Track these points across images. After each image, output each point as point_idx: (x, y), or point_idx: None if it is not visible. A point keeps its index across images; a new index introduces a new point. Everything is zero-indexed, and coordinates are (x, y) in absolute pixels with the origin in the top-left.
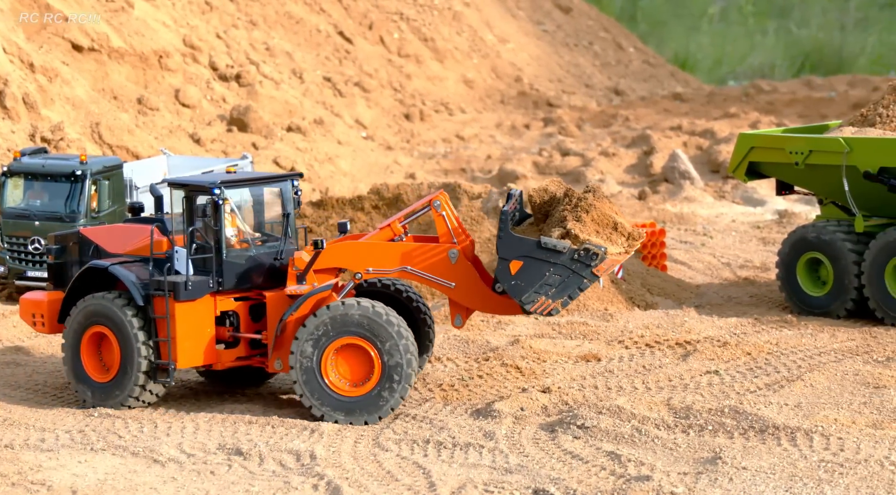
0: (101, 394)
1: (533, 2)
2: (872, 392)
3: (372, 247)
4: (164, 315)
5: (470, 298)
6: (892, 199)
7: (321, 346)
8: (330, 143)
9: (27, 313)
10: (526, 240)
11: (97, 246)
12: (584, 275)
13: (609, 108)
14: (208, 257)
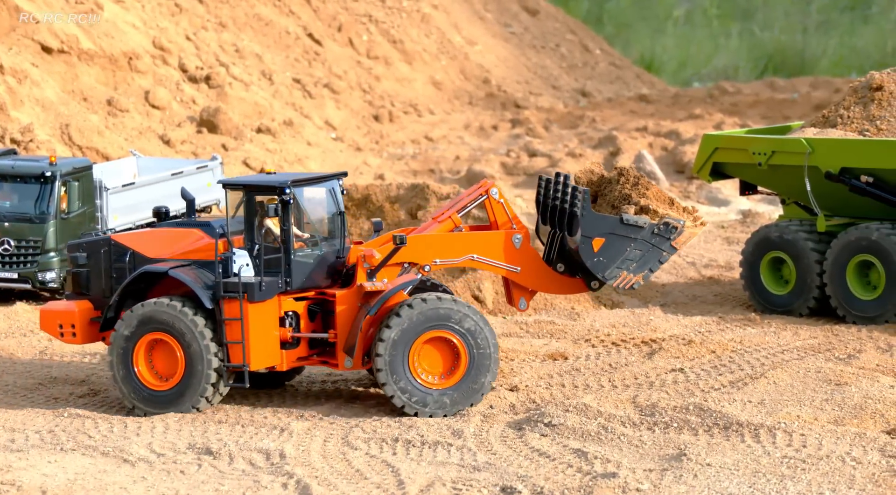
0: (159, 403)
1: (500, 4)
2: (834, 389)
3: (439, 240)
4: (233, 317)
5: (535, 281)
6: (853, 199)
7: (410, 341)
8: (299, 144)
9: (52, 324)
10: (608, 218)
11: (134, 252)
12: (664, 248)
13: (576, 110)
14: (276, 257)
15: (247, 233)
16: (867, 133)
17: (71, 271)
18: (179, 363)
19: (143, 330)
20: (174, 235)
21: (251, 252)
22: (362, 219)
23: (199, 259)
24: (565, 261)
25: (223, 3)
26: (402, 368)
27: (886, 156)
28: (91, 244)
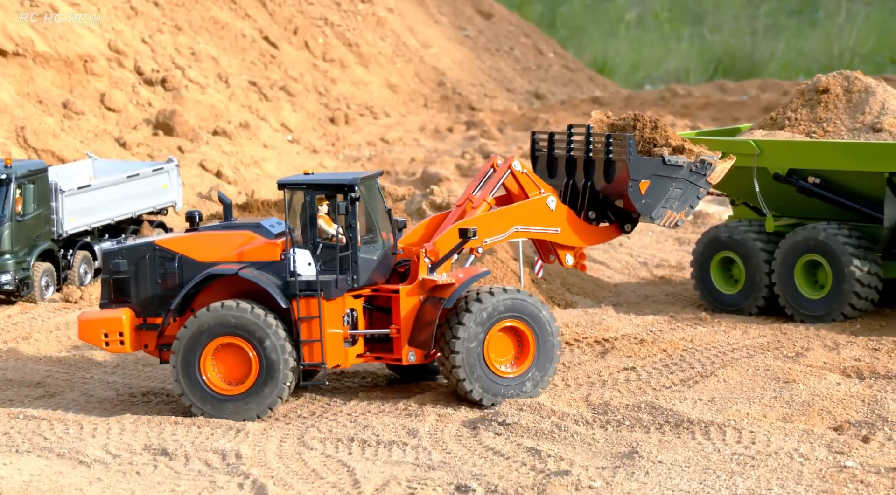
0: (228, 407)
1: (455, 8)
2: (782, 386)
3: (484, 220)
4: (310, 315)
5: (575, 237)
6: (800, 200)
7: (486, 332)
8: (256, 147)
9: (95, 332)
10: (652, 160)
11: (182, 256)
12: (700, 184)
13: (530, 112)
14: (342, 255)
15: (309, 233)
16: (814, 135)
17: (110, 278)
18: (253, 366)
19: (212, 334)
20: (224, 238)
21: (313, 251)
22: None
23: (254, 260)
24: (596, 209)
25: (179, 7)
26: (479, 356)
27: (833, 157)
28: (133, 250)
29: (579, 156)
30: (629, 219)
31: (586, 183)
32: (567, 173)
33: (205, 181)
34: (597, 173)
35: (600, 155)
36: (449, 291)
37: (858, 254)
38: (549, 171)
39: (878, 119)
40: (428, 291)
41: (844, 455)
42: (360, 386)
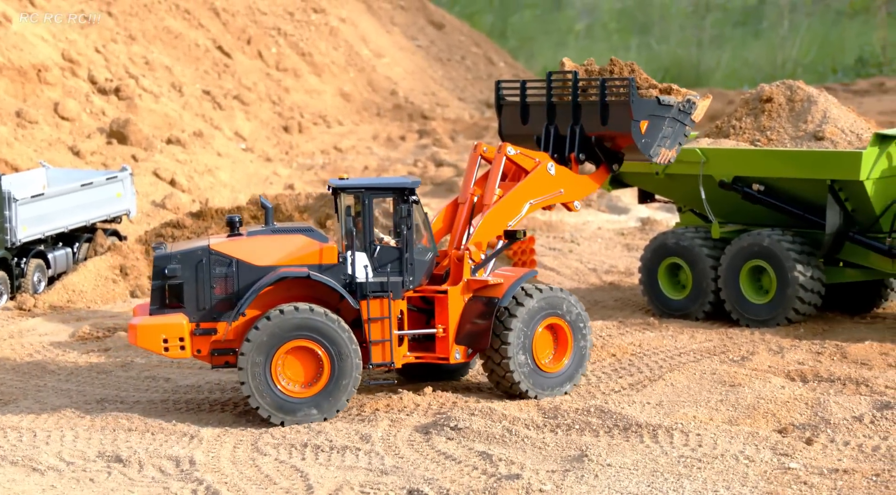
0: (298, 410)
1: (407, 18)
2: (728, 390)
3: (502, 210)
4: (379, 316)
5: (576, 191)
6: (745, 207)
7: (533, 329)
8: (209, 155)
9: (153, 338)
10: (649, 101)
11: (238, 260)
12: (687, 122)
13: (481, 120)
14: (400, 257)
15: (365, 235)
16: (758, 143)
17: (164, 284)
18: (324, 368)
19: (283, 338)
20: (280, 242)
21: (370, 253)
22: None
23: (312, 264)
24: (586, 151)
25: (133, 17)
26: (529, 351)
27: (776, 165)
28: (187, 255)
29: (565, 101)
30: (616, 159)
31: (574, 126)
32: (548, 119)
33: (159, 189)
34: (587, 116)
35: (592, 98)
36: (502, 290)
37: (802, 259)
38: (522, 119)
39: (820, 127)
40: (474, 291)
41: (788, 457)
42: None
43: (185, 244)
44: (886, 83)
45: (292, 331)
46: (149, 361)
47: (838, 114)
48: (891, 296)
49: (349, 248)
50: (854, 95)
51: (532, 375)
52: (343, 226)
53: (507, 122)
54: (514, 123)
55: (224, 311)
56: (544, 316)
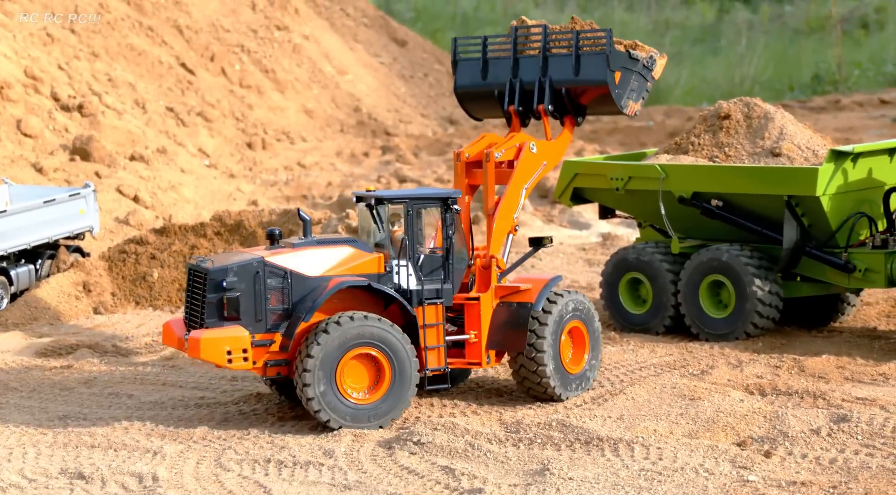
0: (362, 417)
1: (370, 35)
2: (688, 403)
3: (506, 205)
4: (433, 322)
5: (556, 156)
6: (704, 222)
7: (559, 333)
8: (173, 172)
9: (217, 350)
10: (621, 53)
11: (292, 271)
12: (648, 78)
13: (444, 137)
14: (444, 265)
15: (410, 245)
16: (716, 159)
17: (222, 297)
18: (385, 375)
19: (348, 346)
20: (327, 253)
21: (415, 262)
22: (236, 244)
23: (362, 273)
24: (554, 103)
25: (96, 33)
26: (556, 354)
27: (734, 181)
28: (243, 268)
29: (530, 54)
30: (581, 112)
31: (542, 78)
32: (513, 72)
33: (122, 206)
34: (556, 68)
35: (563, 50)
36: (533, 296)
37: (760, 274)
38: (482, 74)
39: (777, 144)
40: (501, 297)
41: (747, 469)
42: (278, 407)
43: (230, 257)
44: (842, 100)
45: (358, 340)
46: (111, 378)
47: (795, 130)
48: (847, 310)
49: (397, 257)
50: (811, 112)
51: (561, 378)
52: (387, 236)
53: (464, 77)
54: (473, 79)
55: (277, 323)
56: (569, 319)
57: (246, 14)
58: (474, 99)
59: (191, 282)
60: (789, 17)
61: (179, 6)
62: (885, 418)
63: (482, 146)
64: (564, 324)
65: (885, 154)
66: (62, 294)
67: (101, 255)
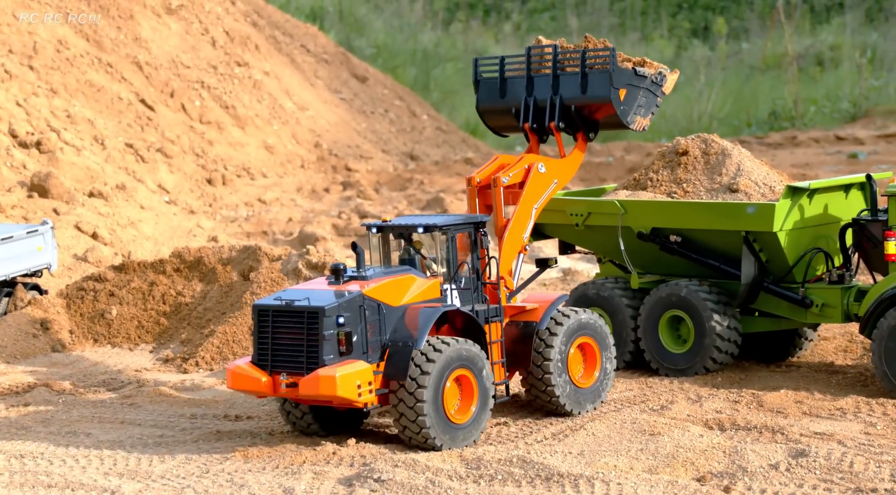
0: (458, 435)
1: (331, 71)
2: (648, 439)
3: (516, 226)
4: (496, 339)
5: (567, 175)
6: (663, 258)
7: (568, 349)
8: (132, 208)
9: (351, 386)
10: (626, 71)
11: (382, 303)
12: (658, 94)
13: (405, 172)
14: (476, 286)
15: (451, 269)
16: (675, 195)
17: (338, 333)
18: (475, 394)
19: (450, 369)
20: (400, 282)
21: (458, 284)
22: (195, 281)
23: (426, 298)
24: (565, 120)
25: (54, 70)
26: (564, 368)
27: (692, 216)
28: (350, 303)
29: (544, 73)
30: (593, 128)
31: (553, 96)
32: (527, 91)
33: (80, 243)
34: (566, 86)
35: (570, 69)
36: (539, 314)
37: (718, 309)
38: (500, 92)
39: (735, 180)
40: (511, 316)
41: None
42: (239, 444)
43: (321, 294)
44: (798, 136)
45: (455, 363)
46: (69, 416)
47: (752, 166)
48: (805, 345)
49: (448, 281)
50: (768, 148)
51: (571, 392)
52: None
53: (484, 96)
54: (492, 97)
55: (372, 353)
56: (577, 336)
57: (206, 50)
58: (494, 116)
59: (271, 323)
60: (746, 54)
61: (139, 42)
62: (842, 453)
63: (493, 169)
64: (573, 341)
65: (840, 190)
66: (19, 332)
67: (59, 293)
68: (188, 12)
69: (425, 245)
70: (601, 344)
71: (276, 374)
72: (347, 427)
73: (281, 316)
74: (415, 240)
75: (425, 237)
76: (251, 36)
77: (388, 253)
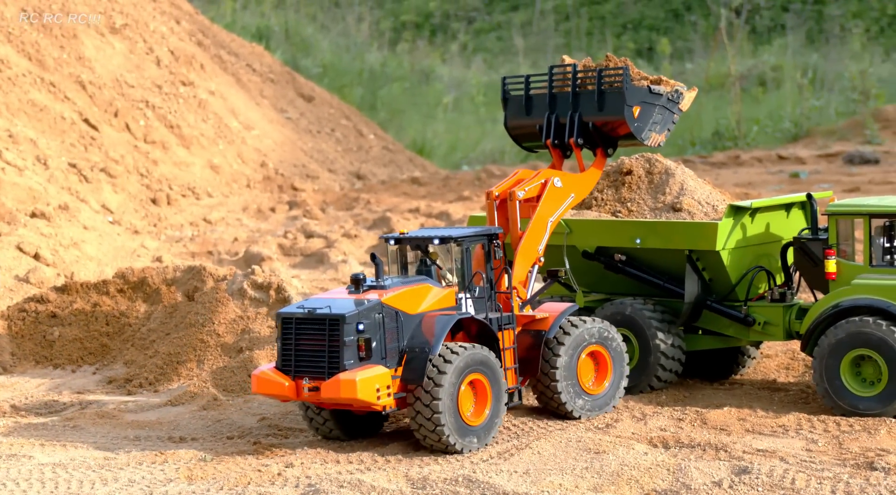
0: (476, 435)
1: (276, 90)
2: (593, 457)
3: (530, 238)
4: (509, 346)
5: (582, 191)
6: (608, 277)
7: (577, 356)
8: (75, 229)
9: (370, 389)
10: (641, 89)
11: (399, 311)
12: (675, 111)
13: (351, 192)
14: (489, 295)
15: (465, 279)
16: (619, 214)
17: (357, 339)
18: (488, 397)
19: (465, 373)
20: (417, 291)
21: (472, 294)
22: (139, 301)
23: (442, 307)
24: (584, 136)
25: None
26: (572, 379)
27: (636, 235)
28: (368, 311)
29: (565, 90)
30: (612, 144)
31: (573, 114)
32: (549, 108)
33: (22, 264)
34: (585, 104)
35: (590, 87)
36: (548, 323)
37: (662, 327)
38: (526, 110)
39: (678, 199)
40: (523, 325)
41: None
42: (185, 466)
43: (342, 303)
44: (742, 156)
45: (470, 367)
46: (10, 439)
47: (695, 186)
48: (748, 362)
49: (462, 290)
50: (712, 167)
51: (579, 398)
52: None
53: (512, 114)
54: (519, 115)
55: (393, 358)
56: (587, 344)
57: (150, 69)
58: (522, 134)
59: (294, 330)
60: (690, 74)
61: (82, 62)
62: (784, 469)
63: (511, 183)
64: (583, 349)
65: (782, 209)
66: None
67: (1, 314)
68: (132, 31)
69: (441, 256)
70: (613, 352)
71: (299, 379)
72: (367, 431)
73: (304, 323)
74: (431, 252)
75: (441, 248)
76: (196, 55)
77: (405, 264)
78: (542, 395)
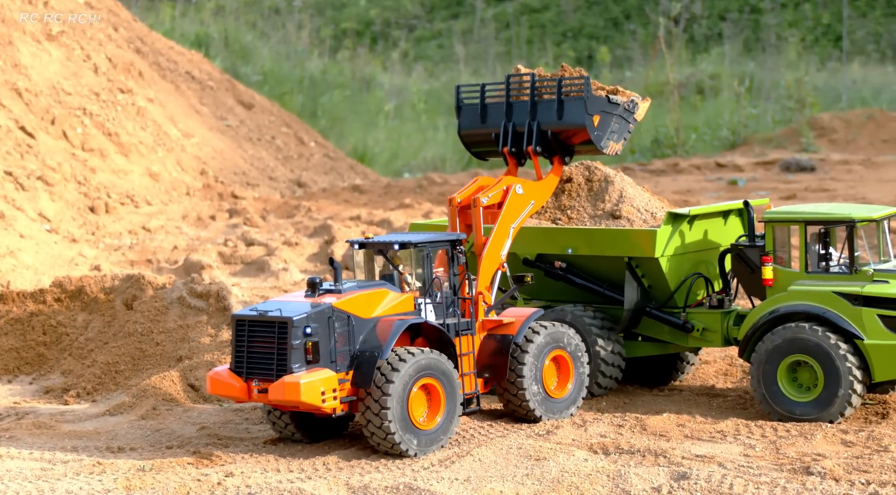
0: (428, 439)
1: (215, 98)
2: (534, 464)
3: (494, 244)
4: (466, 351)
5: (543, 197)
6: (549, 284)
7: (542, 361)
8: (11, 237)
9: (314, 392)
10: (600, 98)
11: (351, 315)
12: (630, 120)
13: (292, 200)
14: (453, 301)
15: (428, 285)
16: (559, 221)
17: (305, 342)
18: (441, 401)
19: (416, 378)
20: (373, 295)
21: (434, 299)
22: (77, 310)
23: (399, 312)
24: (542, 144)
25: None
26: (538, 384)
27: (576, 243)
28: (318, 315)
29: (522, 100)
30: (569, 152)
31: (531, 122)
32: (506, 116)
33: None
34: (543, 112)
35: (548, 96)
36: (515, 328)
37: (602, 334)
38: (481, 118)
39: (617, 206)
40: (488, 330)
41: None
42: (123, 476)
43: (293, 306)
44: (680, 163)
45: (421, 371)
46: None
47: (634, 193)
48: (686, 369)
49: (423, 296)
50: (651, 175)
51: (544, 402)
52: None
53: (466, 121)
54: (473, 123)
55: (344, 362)
56: (550, 349)
57: (88, 77)
58: (476, 141)
59: (247, 333)
60: (629, 82)
61: (18, 69)
62: (722, 475)
63: (472, 190)
64: (547, 354)
65: (719, 216)
66: None
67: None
68: (69, 38)
69: (403, 261)
70: (574, 357)
71: (251, 381)
72: (330, 434)
73: (255, 325)
74: (393, 257)
75: (403, 254)
76: (135, 62)
77: (371, 268)
78: (508, 400)
